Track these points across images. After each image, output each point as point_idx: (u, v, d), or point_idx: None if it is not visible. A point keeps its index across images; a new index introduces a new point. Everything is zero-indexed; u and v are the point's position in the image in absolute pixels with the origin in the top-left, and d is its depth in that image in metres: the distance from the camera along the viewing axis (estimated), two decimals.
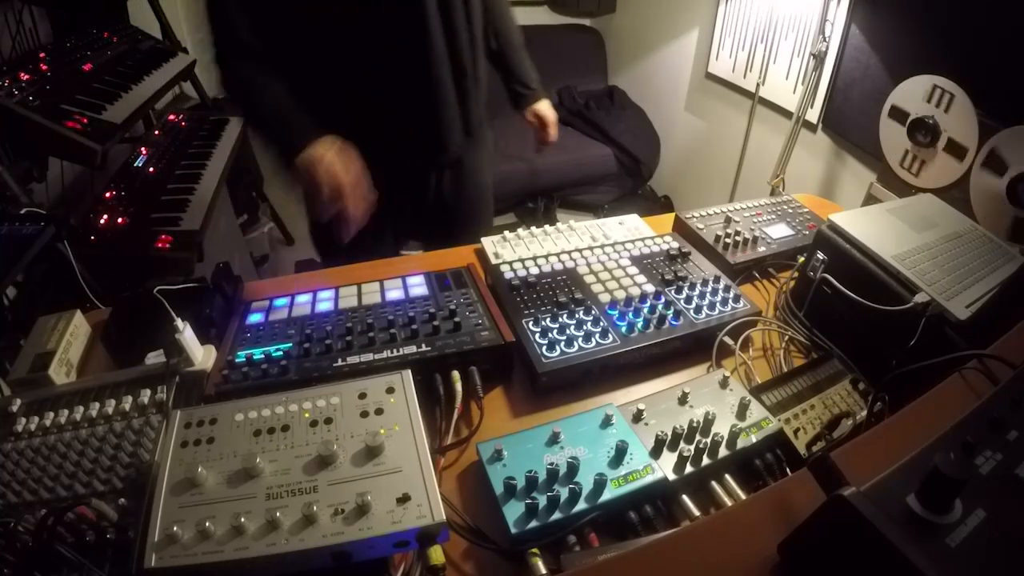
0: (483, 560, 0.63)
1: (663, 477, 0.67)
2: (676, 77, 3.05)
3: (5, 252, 1.02)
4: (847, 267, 0.90)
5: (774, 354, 0.94)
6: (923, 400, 0.62)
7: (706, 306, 0.94)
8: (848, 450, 0.56)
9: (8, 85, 1.34)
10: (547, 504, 0.63)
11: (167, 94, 2.06)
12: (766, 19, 2.34)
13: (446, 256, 1.16)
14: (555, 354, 0.84)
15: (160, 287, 0.87)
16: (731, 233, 1.15)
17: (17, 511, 0.59)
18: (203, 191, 1.69)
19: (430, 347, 0.81)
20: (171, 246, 1.46)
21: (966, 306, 0.78)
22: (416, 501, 0.53)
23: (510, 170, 2.97)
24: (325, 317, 0.89)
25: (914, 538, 0.39)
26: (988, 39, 1.46)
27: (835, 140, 2.13)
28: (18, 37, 1.63)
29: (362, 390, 0.65)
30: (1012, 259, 0.94)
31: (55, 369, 0.83)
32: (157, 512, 0.53)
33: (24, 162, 1.39)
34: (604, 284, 1.00)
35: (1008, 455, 0.47)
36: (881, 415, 0.74)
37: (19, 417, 0.70)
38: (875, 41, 1.84)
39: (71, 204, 1.80)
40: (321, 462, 0.57)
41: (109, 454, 0.65)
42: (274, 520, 0.51)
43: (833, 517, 0.42)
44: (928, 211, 1.03)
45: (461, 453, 0.76)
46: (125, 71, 1.74)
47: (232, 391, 0.74)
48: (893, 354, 0.80)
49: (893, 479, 0.44)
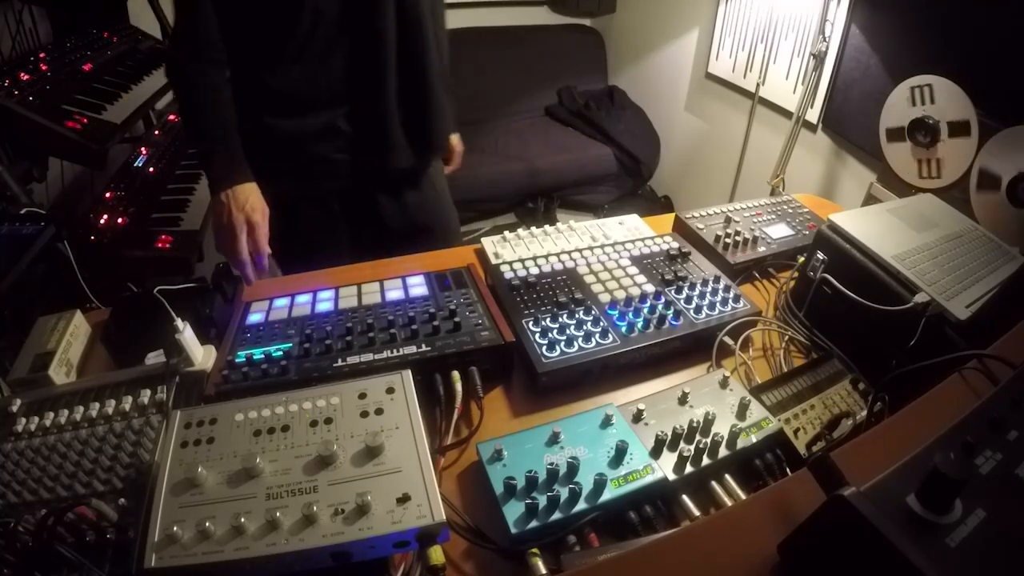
0: (483, 560, 0.63)
1: (663, 477, 0.67)
2: (676, 77, 3.05)
3: (5, 252, 1.02)
4: (847, 267, 0.90)
5: (774, 354, 0.94)
6: (923, 400, 0.62)
7: (706, 306, 0.94)
8: (848, 450, 0.56)
9: (8, 85, 1.34)
10: (547, 504, 0.63)
11: (167, 94, 2.05)
12: (766, 19, 2.34)
13: (446, 256, 1.16)
14: (555, 354, 0.84)
15: (160, 287, 0.87)
16: (731, 233, 1.15)
17: (17, 511, 0.59)
18: (203, 191, 1.69)
19: (430, 347, 0.81)
20: (171, 246, 1.47)
21: (966, 306, 0.78)
22: (416, 501, 0.53)
23: (510, 170, 2.97)
24: (325, 317, 0.89)
25: (914, 538, 0.39)
26: (988, 39, 1.46)
27: (835, 140, 2.13)
28: (18, 37, 1.63)
29: (362, 390, 0.65)
30: (1012, 259, 0.94)
31: (55, 369, 0.83)
32: (157, 512, 0.54)
33: (24, 162, 1.39)
34: (604, 284, 1.00)
35: (1008, 455, 0.47)
36: (881, 415, 0.74)
37: (19, 417, 0.70)
38: (875, 41, 1.84)
39: (71, 204, 1.80)
40: (321, 462, 0.57)
41: (109, 454, 0.65)
42: (274, 520, 0.51)
43: (833, 517, 0.42)
44: (928, 211, 1.02)
45: (461, 453, 0.76)
46: (125, 71, 1.74)
47: (232, 391, 0.74)
48: (893, 354, 0.80)
49: (893, 479, 0.44)
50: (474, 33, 3.28)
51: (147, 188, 1.67)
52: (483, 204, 3.03)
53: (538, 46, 3.48)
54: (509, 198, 3.10)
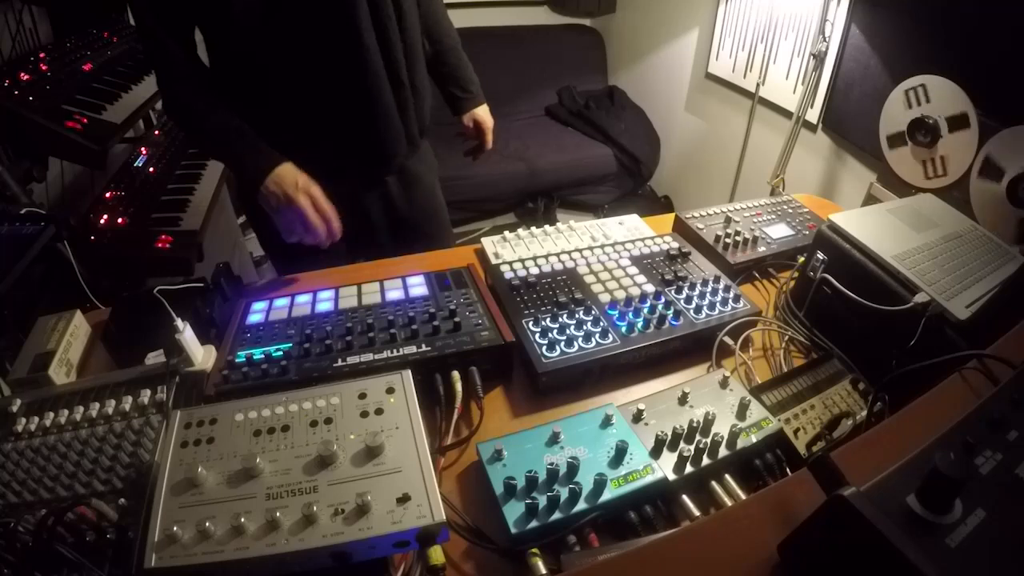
0: (483, 560, 0.63)
1: (663, 477, 0.67)
2: (676, 77, 3.05)
3: (5, 252, 1.02)
4: (847, 267, 0.90)
5: (774, 354, 0.94)
6: (923, 400, 0.62)
7: (706, 306, 0.94)
8: (848, 450, 0.56)
9: (8, 85, 1.34)
10: (547, 504, 0.63)
11: None
12: (766, 19, 2.34)
13: (446, 256, 1.16)
14: (555, 354, 0.84)
15: (160, 287, 0.87)
16: (731, 233, 1.15)
17: (17, 511, 0.59)
18: (203, 191, 1.70)
19: (430, 347, 0.81)
20: (171, 246, 1.46)
21: (966, 306, 0.78)
22: (416, 501, 0.53)
23: (510, 170, 2.97)
24: (325, 317, 0.89)
25: (914, 538, 0.39)
26: (987, 39, 1.46)
27: (835, 140, 2.13)
28: (18, 37, 1.63)
29: (362, 390, 0.65)
30: (1012, 259, 0.94)
31: (55, 369, 0.83)
32: (157, 512, 0.53)
33: (24, 162, 1.39)
34: (604, 284, 1.00)
35: (1008, 455, 0.47)
36: (881, 415, 0.74)
37: (19, 417, 0.70)
38: (875, 41, 1.84)
39: (71, 204, 1.80)
40: (321, 462, 0.57)
41: (109, 454, 0.65)
42: (274, 520, 0.51)
43: (833, 517, 0.42)
44: (928, 211, 1.02)
45: (461, 453, 0.76)
46: (125, 71, 1.74)
47: (232, 391, 0.74)
48: (893, 354, 0.80)
49: (893, 479, 0.44)
50: (474, 33, 3.28)
51: (147, 188, 1.66)
52: (483, 204, 3.04)
53: (538, 46, 3.49)
54: (509, 198, 3.10)
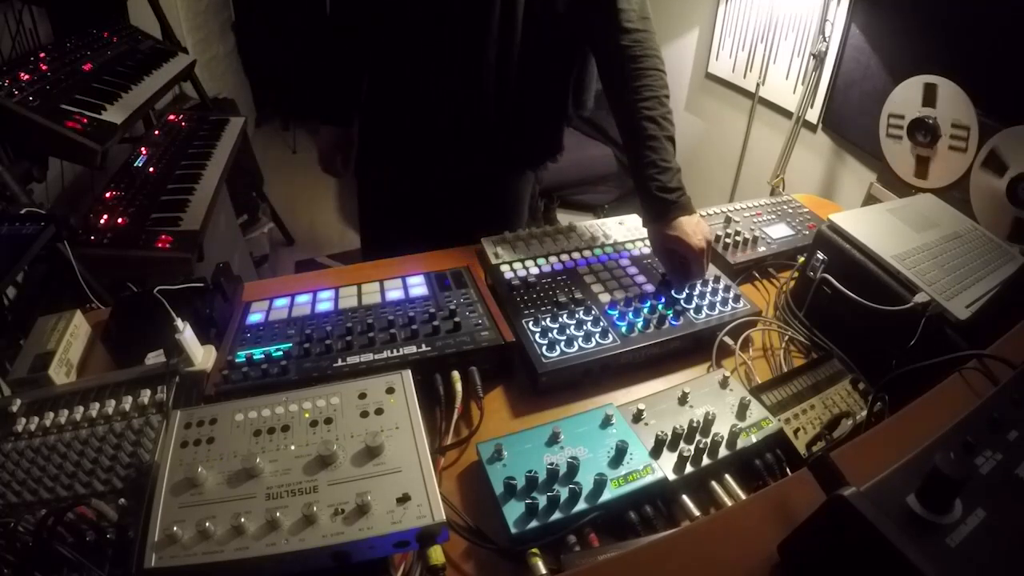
0: (483, 560, 0.63)
1: (663, 477, 0.67)
2: (676, 77, 3.05)
3: (5, 252, 1.02)
4: (847, 267, 0.90)
5: (774, 354, 0.94)
6: (923, 400, 0.62)
7: (706, 306, 0.94)
8: (848, 450, 0.56)
9: (8, 85, 1.34)
10: (547, 504, 0.63)
11: (167, 94, 2.06)
12: (766, 19, 2.34)
13: (446, 256, 1.16)
14: (555, 354, 0.84)
15: (160, 287, 0.87)
16: (731, 233, 1.15)
17: (17, 511, 0.59)
18: (203, 191, 1.69)
19: (430, 347, 0.81)
20: (171, 246, 1.46)
21: (966, 306, 0.78)
22: (416, 501, 0.54)
23: None
24: (325, 317, 0.89)
25: (914, 538, 0.39)
26: (988, 39, 1.46)
27: (835, 140, 2.13)
28: (18, 37, 1.63)
29: (362, 390, 0.65)
30: (1012, 259, 0.94)
31: (55, 369, 0.83)
32: (157, 512, 0.54)
33: (24, 162, 1.39)
34: (604, 284, 1.00)
35: (1008, 455, 0.47)
36: (881, 415, 0.74)
37: (19, 417, 0.70)
38: (875, 41, 1.84)
39: (71, 204, 1.80)
40: (321, 462, 0.57)
41: (109, 454, 0.65)
42: (274, 520, 0.51)
43: (833, 517, 0.42)
44: (928, 211, 1.03)
45: (461, 453, 0.76)
46: (125, 71, 1.73)
47: (232, 391, 0.74)
48: (893, 354, 0.80)
49: (893, 479, 0.44)
50: None
51: (147, 188, 1.66)
52: None
53: None
54: None
